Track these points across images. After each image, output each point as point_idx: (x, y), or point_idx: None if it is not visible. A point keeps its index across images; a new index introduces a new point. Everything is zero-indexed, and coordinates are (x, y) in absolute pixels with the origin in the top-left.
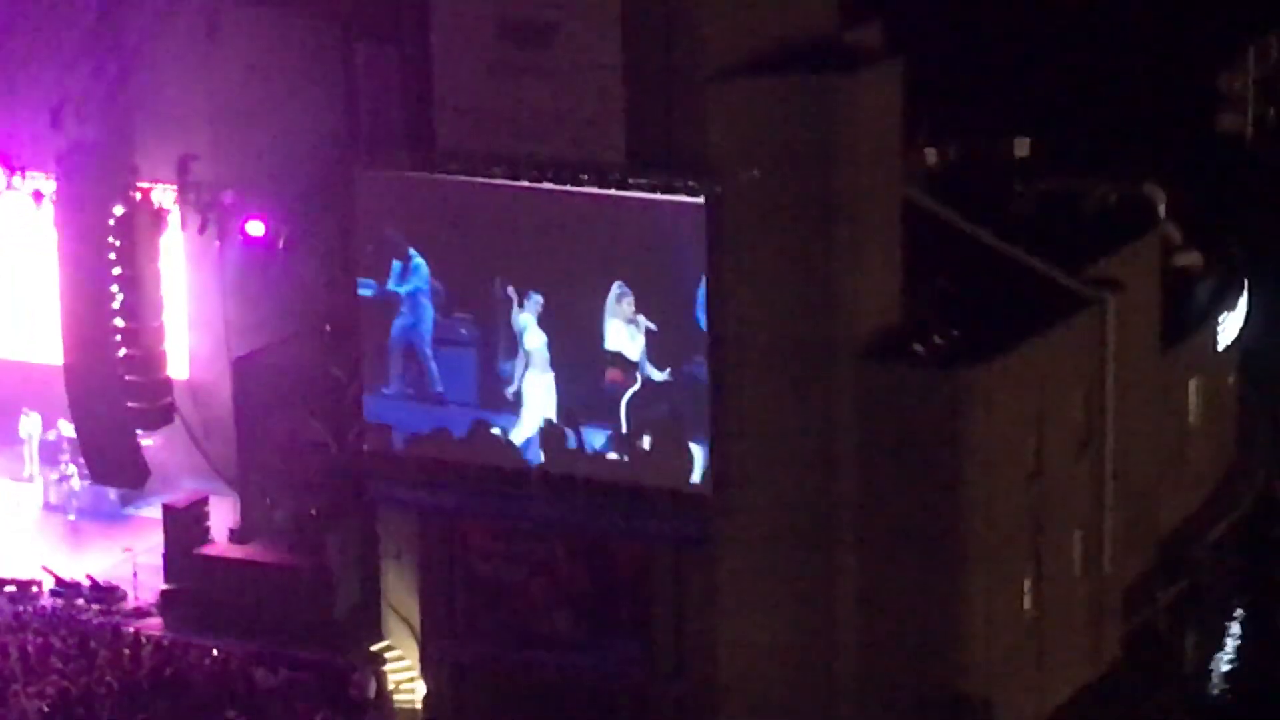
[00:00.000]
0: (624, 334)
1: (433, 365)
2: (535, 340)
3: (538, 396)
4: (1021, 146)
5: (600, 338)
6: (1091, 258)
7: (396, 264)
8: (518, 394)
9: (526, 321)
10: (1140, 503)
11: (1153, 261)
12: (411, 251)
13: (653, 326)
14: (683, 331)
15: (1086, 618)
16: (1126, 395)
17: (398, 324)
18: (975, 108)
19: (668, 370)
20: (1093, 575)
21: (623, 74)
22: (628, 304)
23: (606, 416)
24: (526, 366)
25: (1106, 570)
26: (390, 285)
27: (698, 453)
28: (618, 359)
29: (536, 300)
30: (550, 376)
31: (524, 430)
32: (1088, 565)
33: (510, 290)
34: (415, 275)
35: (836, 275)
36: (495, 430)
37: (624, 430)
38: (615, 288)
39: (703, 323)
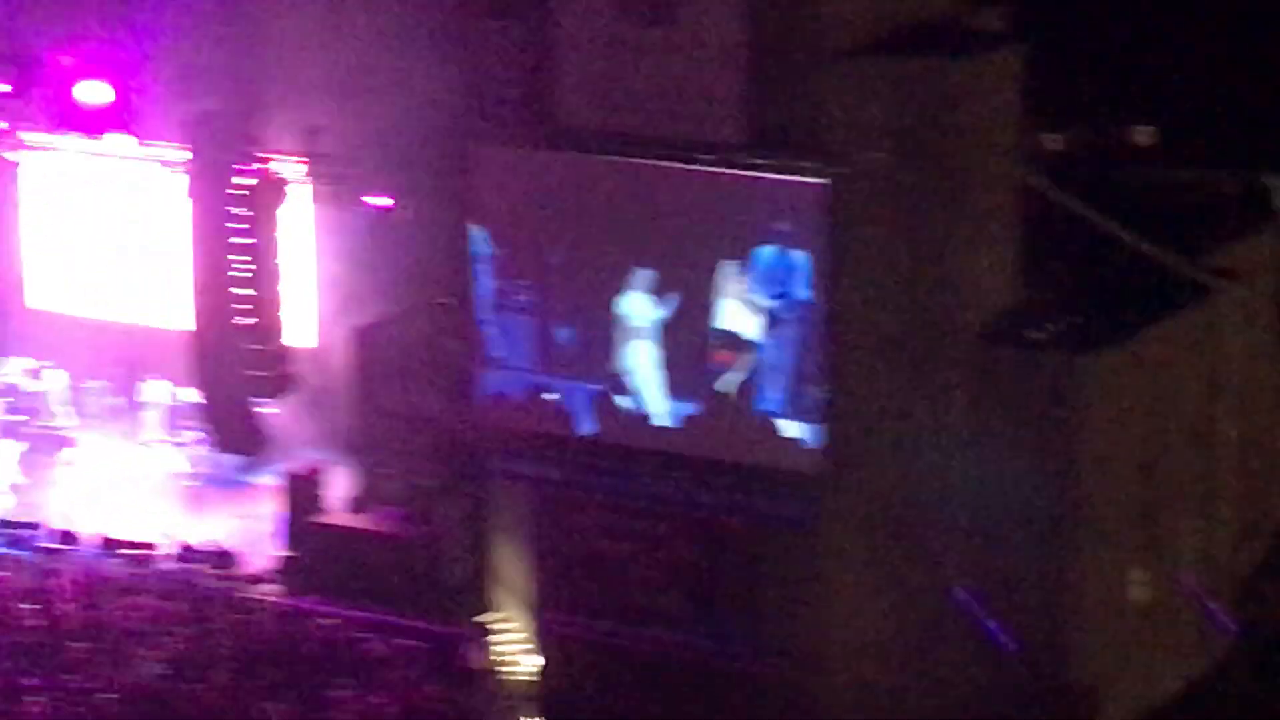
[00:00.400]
0: (737, 313)
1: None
2: (643, 316)
3: (643, 372)
4: (1144, 134)
5: (711, 316)
6: (1211, 247)
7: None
8: (621, 368)
9: (636, 297)
10: (1256, 494)
11: (1273, 252)
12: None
13: (767, 306)
14: (796, 312)
15: (1198, 609)
16: (1244, 385)
17: None
18: (1098, 94)
19: (780, 350)
20: (1205, 567)
21: (745, 52)
22: (741, 283)
23: (712, 395)
24: (631, 342)
25: (1219, 562)
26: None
27: (806, 433)
28: (729, 338)
29: (646, 276)
30: (656, 352)
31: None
32: (1200, 556)
33: (620, 265)
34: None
35: (954, 258)
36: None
37: (732, 409)
38: (729, 266)
39: (816, 304)
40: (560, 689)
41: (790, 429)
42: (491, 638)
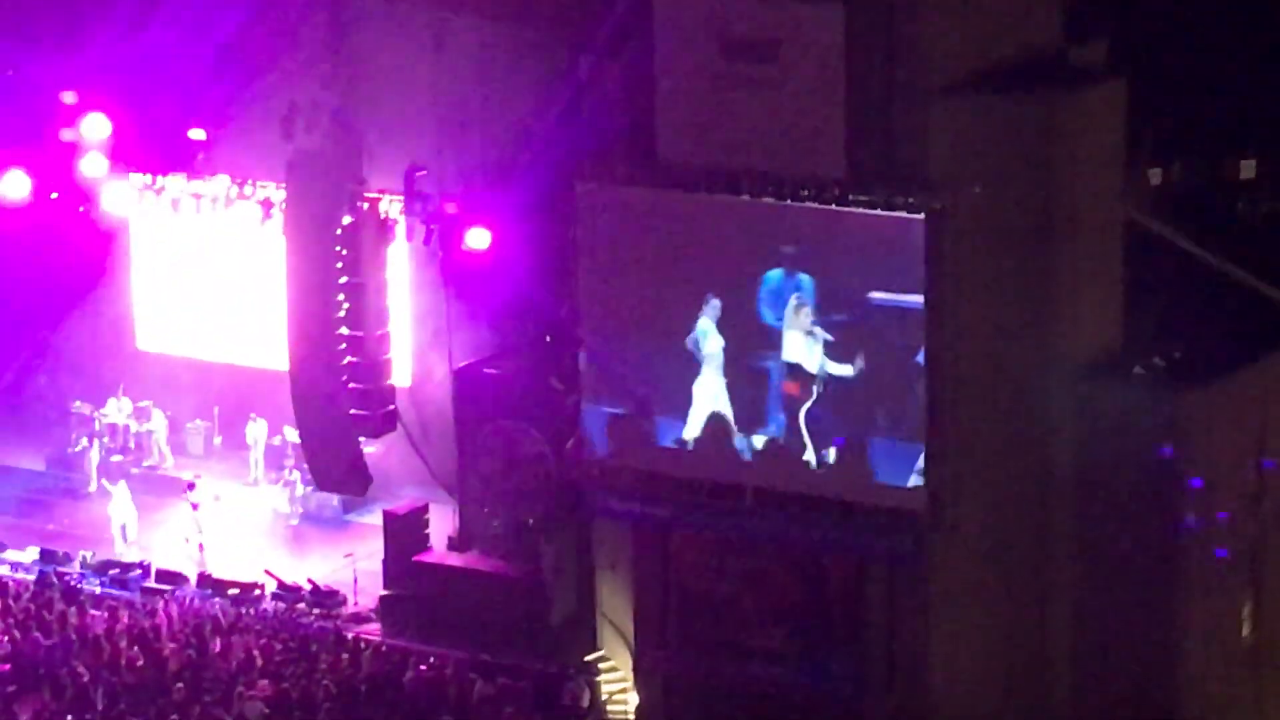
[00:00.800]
0: (802, 345)
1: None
2: (713, 345)
3: (708, 402)
4: (1247, 168)
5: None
6: None
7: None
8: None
9: (706, 327)
10: None
11: None
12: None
13: (829, 338)
14: (889, 346)
15: None
16: None
17: None
18: (1201, 128)
19: (860, 383)
20: None
21: (845, 90)
22: (805, 315)
23: (778, 427)
24: (701, 372)
25: None
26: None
27: (886, 467)
28: (796, 370)
29: (716, 305)
30: (724, 382)
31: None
32: None
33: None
34: None
35: (1056, 293)
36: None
37: (803, 443)
38: (794, 299)
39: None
40: None
41: (859, 462)
42: (595, 676)
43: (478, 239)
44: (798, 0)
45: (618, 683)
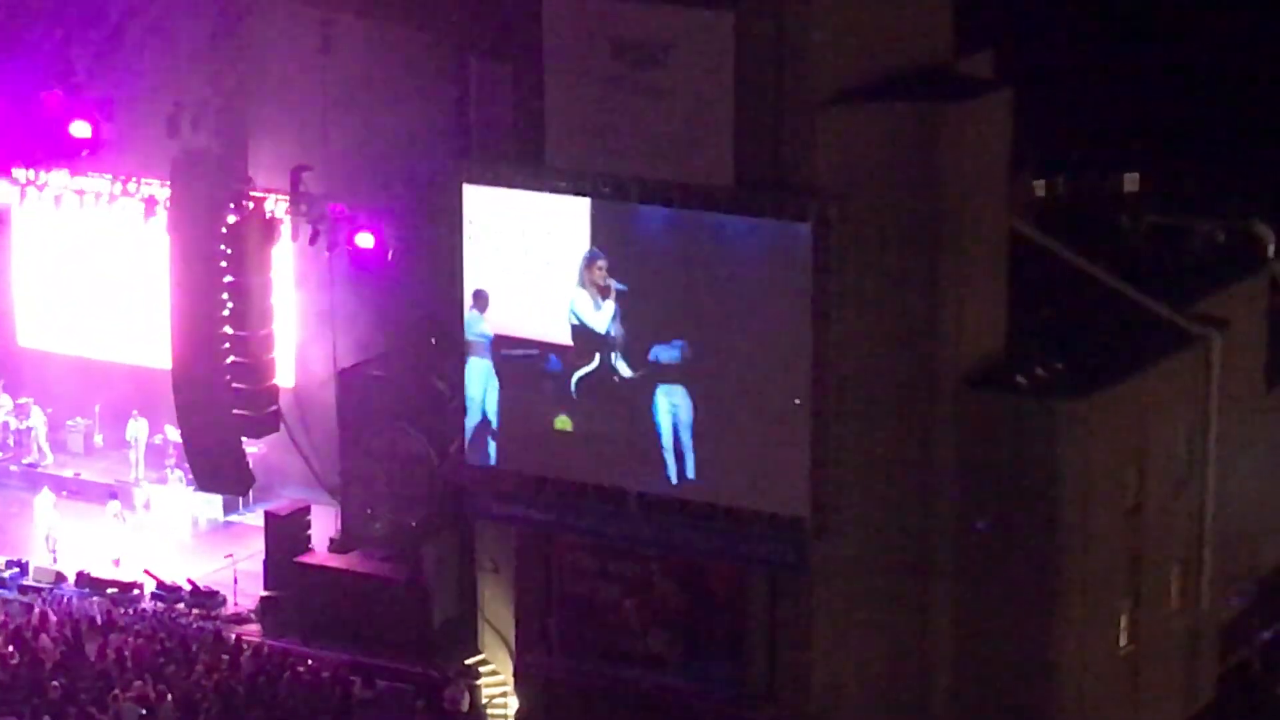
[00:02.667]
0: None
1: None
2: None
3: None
4: (1131, 181)
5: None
6: (1198, 294)
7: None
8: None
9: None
10: (1240, 540)
11: (1260, 300)
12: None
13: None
14: (784, 355)
15: (1182, 655)
16: (1229, 433)
17: None
18: (1085, 141)
19: (756, 394)
20: (1190, 612)
21: (734, 95)
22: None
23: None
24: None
25: (1204, 607)
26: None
27: (786, 478)
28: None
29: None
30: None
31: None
32: (1185, 602)
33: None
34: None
35: (940, 304)
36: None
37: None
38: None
39: (805, 347)
40: None
41: (764, 473)
42: (476, 680)
43: (363, 240)
44: (688, 5)
45: (498, 686)
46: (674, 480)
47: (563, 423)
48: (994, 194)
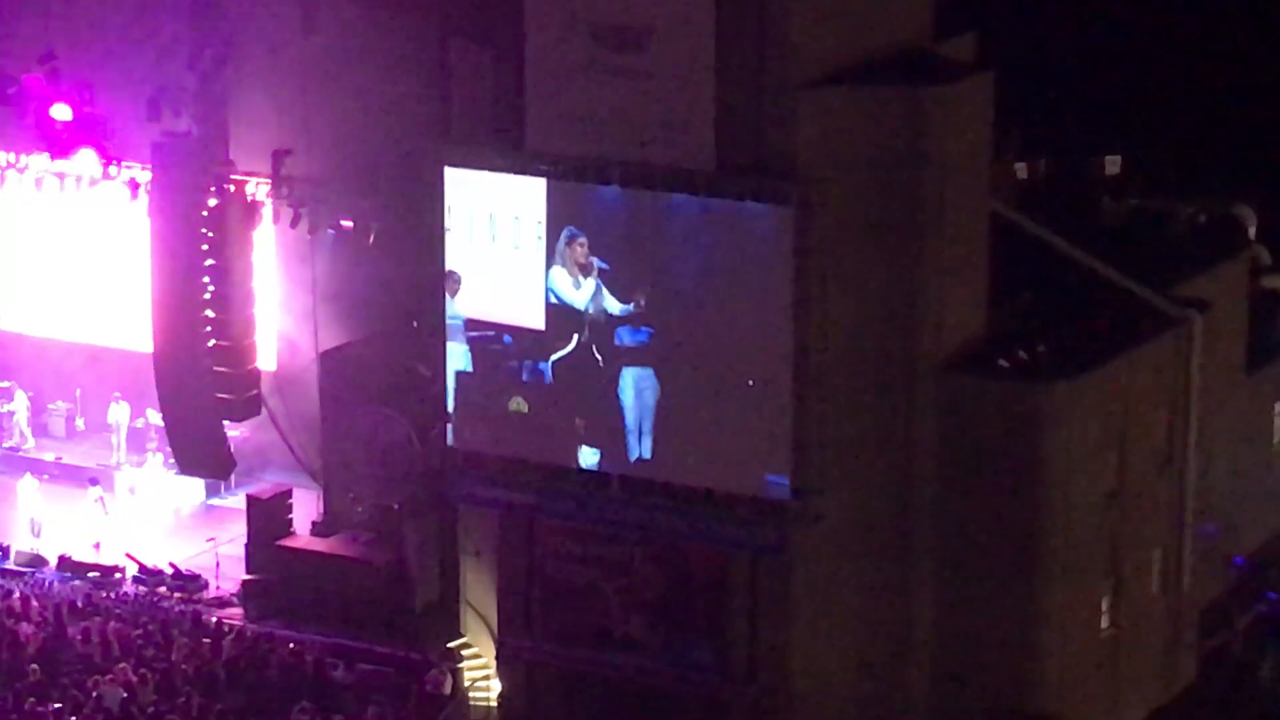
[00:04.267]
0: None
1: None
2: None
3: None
4: (1113, 164)
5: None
6: (1180, 277)
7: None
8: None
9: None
10: (1221, 524)
11: (1241, 283)
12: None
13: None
14: (763, 337)
15: (1163, 638)
16: (1210, 416)
17: None
18: (1067, 123)
19: (736, 377)
20: (1170, 595)
21: (714, 79)
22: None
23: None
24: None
25: (1185, 591)
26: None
27: (770, 460)
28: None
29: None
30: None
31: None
32: (1166, 585)
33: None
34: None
35: (922, 287)
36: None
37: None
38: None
39: (786, 330)
40: (525, 714)
41: (752, 455)
42: (458, 663)
43: (345, 222)
44: None
45: (480, 670)
46: (636, 460)
47: (517, 405)
48: (975, 177)
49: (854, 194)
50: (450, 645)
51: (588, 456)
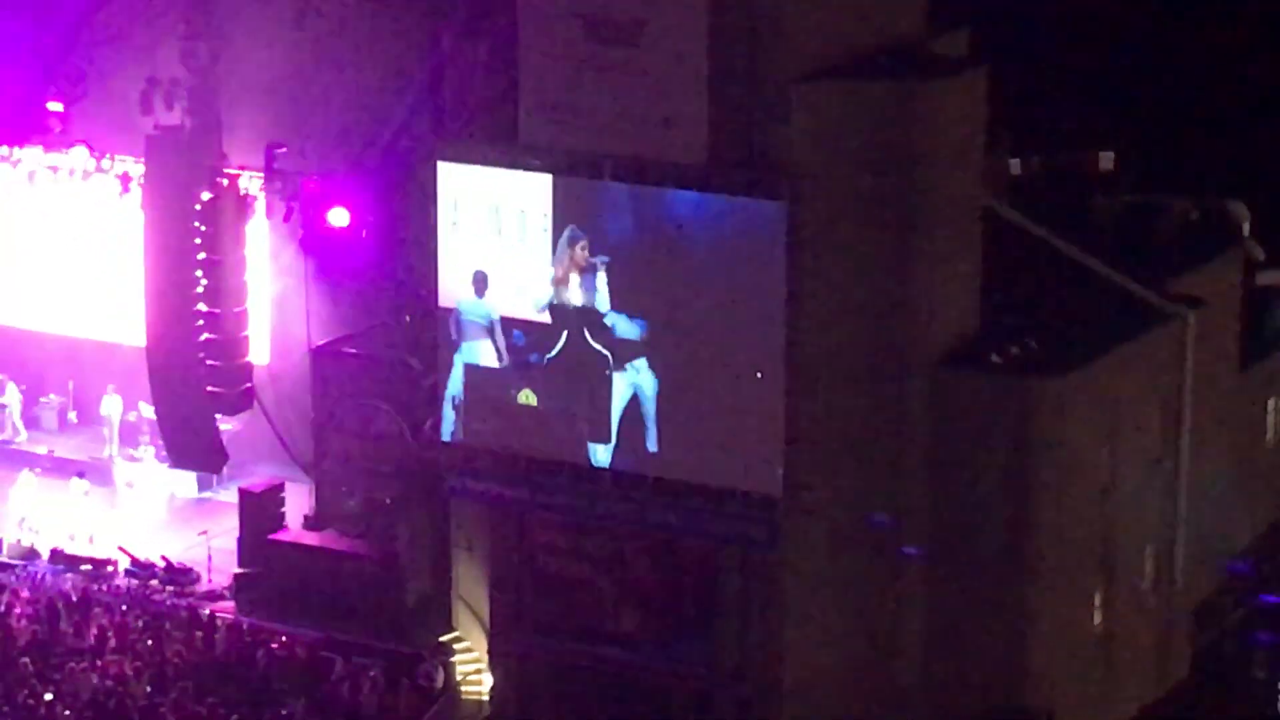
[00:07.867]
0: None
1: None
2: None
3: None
4: (1106, 160)
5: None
6: (1173, 273)
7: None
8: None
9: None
10: (1214, 520)
11: (1234, 279)
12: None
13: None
14: (756, 333)
15: (1155, 634)
16: (1203, 412)
17: None
18: (1060, 119)
19: (728, 372)
20: (1163, 592)
21: (707, 74)
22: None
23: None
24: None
25: (1177, 587)
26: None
27: (758, 456)
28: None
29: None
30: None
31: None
32: (1158, 581)
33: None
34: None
35: (914, 282)
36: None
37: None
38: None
39: (778, 325)
40: (518, 708)
41: (739, 451)
42: (450, 657)
43: (338, 217)
44: None
45: (473, 664)
46: (634, 454)
47: (526, 397)
48: (968, 172)
49: (847, 189)
50: (442, 639)
51: (593, 452)
